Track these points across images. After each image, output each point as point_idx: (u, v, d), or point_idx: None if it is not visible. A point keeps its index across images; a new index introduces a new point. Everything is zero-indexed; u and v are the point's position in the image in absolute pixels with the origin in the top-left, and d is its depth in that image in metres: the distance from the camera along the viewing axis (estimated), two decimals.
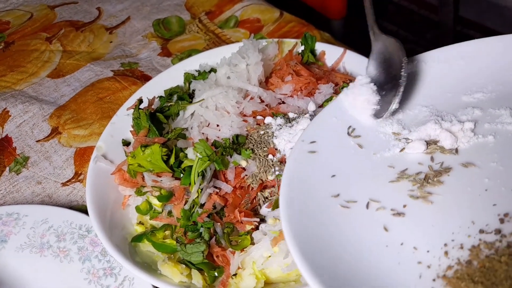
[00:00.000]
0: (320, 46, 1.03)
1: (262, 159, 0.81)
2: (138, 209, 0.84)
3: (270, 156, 0.82)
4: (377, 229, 0.62)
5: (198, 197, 0.78)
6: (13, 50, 1.29)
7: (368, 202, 0.65)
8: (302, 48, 1.03)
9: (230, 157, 0.83)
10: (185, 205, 0.79)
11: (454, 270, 0.56)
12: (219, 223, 0.78)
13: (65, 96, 1.15)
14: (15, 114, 1.11)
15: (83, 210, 0.86)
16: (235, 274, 0.75)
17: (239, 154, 0.83)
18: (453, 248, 0.58)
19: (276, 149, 0.83)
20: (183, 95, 0.96)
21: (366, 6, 0.83)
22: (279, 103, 0.92)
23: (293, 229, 0.61)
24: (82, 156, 1.02)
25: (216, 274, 0.75)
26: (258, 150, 0.83)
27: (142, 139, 0.85)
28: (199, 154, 0.80)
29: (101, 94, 1.14)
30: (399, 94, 0.73)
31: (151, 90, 0.99)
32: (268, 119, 0.87)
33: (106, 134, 0.94)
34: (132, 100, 0.98)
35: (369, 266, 0.58)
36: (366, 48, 0.86)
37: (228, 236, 0.76)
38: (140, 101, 0.90)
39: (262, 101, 0.91)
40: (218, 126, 0.87)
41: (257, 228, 0.77)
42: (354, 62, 0.98)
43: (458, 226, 0.60)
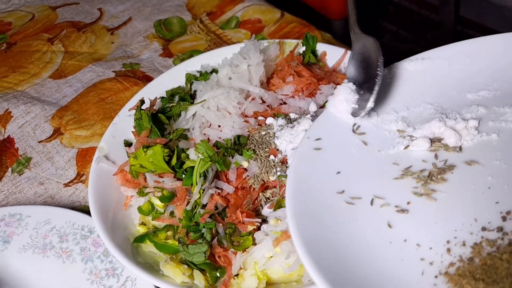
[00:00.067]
0: (321, 47, 1.03)
1: (264, 160, 0.82)
2: (140, 209, 0.84)
3: (272, 156, 0.82)
4: (381, 225, 0.62)
5: (200, 197, 0.79)
6: (15, 51, 1.29)
7: (372, 198, 0.65)
8: (303, 48, 1.03)
9: (232, 157, 0.83)
10: (187, 205, 0.79)
11: (456, 267, 0.56)
12: (221, 224, 0.78)
13: (67, 97, 1.16)
14: (17, 115, 1.11)
15: (86, 211, 0.86)
16: (237, 275, 0.75)
17: (241, 154, 0.83)
18: (455, 245, 0.58)
19: (277, 149, 0.83)
20: (185, 96, 0.96)
21: (349, 5, 0.84)
22: (281, 104, 0.92)
23: (298, 225, 0.61)
24: (84, 156, 1.02)
25: (218, 274, 0.75)
26: (259, 151, 0.83)
27: (144, 140, 0.85)
28: (201, 154, 0.80)
29: (103, 95, 1.14)
30: (374, 93, 0.74)
31: (153, 91, 1.00)
32: (269, 120, 0.87)
33: (108, 135, 0.94)
34: (134, 101, 0.98)
35: (372, 262, 0.58)
36: None
37: (230, 236, 0.76)
38: (142, 102, 0.90)
39: (264, 101, 0.91)
40: (219, 126, 0.88)
41: (258, 228, 0.77)
42: None
43: (460, 224, 0.60)
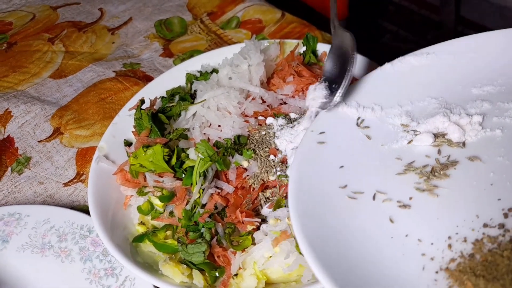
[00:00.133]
0: (321, 47, 1.03)
1: (264, 160, 0.81)
2: (139, 209, 0.84)
3: (272, 156, 0.82)
4: (383, 220, 0.62)
5: (199, 197, 0.79)
6: (15, 50, 1.29)
7: (375, 193, 0.65)
8: (304, 48, 1.03)
9: (232, 157, 0.83)
10: (186, 205, 0.79)
11: (457, 263, 0.56)
12: (221, 224, 0.78)
13: (67, 96, 1.16)
14: (17, 114, 1.11)
15: (85, 211, 0.86)
16: (236, 274, 0.75)
17: (241, 154, 0.83)
18: (456, 241, 0.58)
19: (277, 149, 0.83)
20: (185, 96, 0.96)
21: None
22: (281, 104, 0.92)
23: (300, 218, 0.61)
24: (84, 156, 1.02)
25: (217, 274, 0.75)
26: (259, 151, 0.83)
27: (144, 140, 0.85)
28: (201, 154, 0.80)
29: (103, 95, 1.14)
30: (342, 88, 0.76)
31: (153, 91, 1.00)
32: (269, 120, 0.87)
33: (108, 134, 0.94)
34: (134, 100, 0.98)
35: (373, 257, 0.58)
36: (367, 49, 0.86)
37: (229, 236, 0.76)
38: (142, 101, 0.90)
39: (264, 101, 0.91)
40: (219, 126, 0.88)
41: (258, 228, 0.77)
42: (355, 63, 0.98)
43: (462, 220, 0.60)
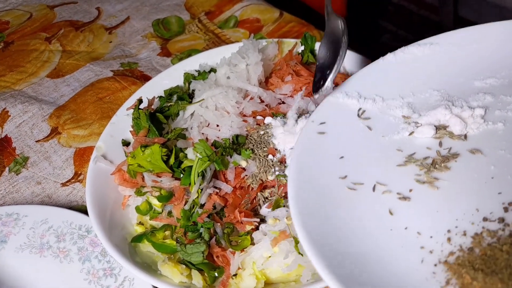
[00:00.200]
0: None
1: (262, 159, 0.81)
2: (138, 209, 0.84)
3: (270, 156, 0.82)
4: (382, 212, 0.61)
5: (198, 197, 0.78)
6: (12, 50, 1.29)
7: (374, 185, 0.65)
8: (302, 48, 1.03)
9: (230, 157, 0.82)
10: (185, 205, 0.79)
11: (455, 257, 0.56)
12: (219, 224, 0.78)
13: (64, 96, 1.15)
14: (15, 114, 1.11)
15: (83, 211, 0.86)
16: (235, 275, 0.75)
17: (239, 154, 0.83)
18: (456, 234, 0.58)
19: (276, 149, 0.83)
20: (183, 95, 0.96)
21: None
22: (279, 103, 0.92)
23: (299, 208, 0.61)
24: (82, 156, 1.02)
25: (216, 274, 0.75)
26: (258, 150, 0.83)
27: (142, 139, 0.85)
28: (199, 154, 0.80)
29: (100, 94, 1.14)
30: (333, 73, 0.77)
31: (151, 90, 0.99)
32: (268, 119, 0.87)
33: (106, 134, 0.94)
34: (131, 100, 0.98)
35: (372, 249, 0.58)
36: (367, 48, 0.86)
37: (228, 236, 0.76)
38: (140, 101, 0.90)
39: (262, 101, 0.91)
40: (218, 126, 0.87)
41: (257, 228, 0.77)
42: (354, 62, 0.98)
43: (462, 213, 0.59)
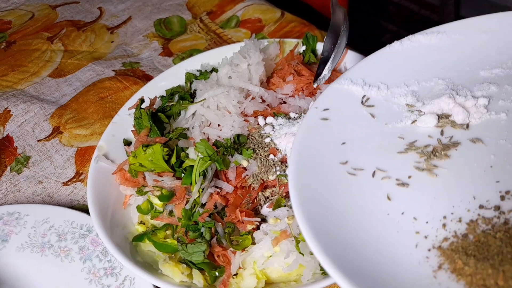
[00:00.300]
0: (321, 46, 1.02)
1: (263, 159, 0.81)
2: (139, 208, 0.84)
3: (271, 156, 0.82)
4: (380, 197, 0.62)
5: (199, 196, 0.78)
6: (14, 49, 1.29)
7: (374, 170, 0.65)
8: (304, 48, 1.03)
9: (231, 157, 0.82)
10: (186, 204, 0.79)
11: (449, 242, 0.56)
12: (220, 223, 0.78)
13: (66, 95, 1.15)
14: (17, 113, 1.11)
15: (84, 210, 0.86)
16: (236, 274, 0.75)
17: (240, 154, 0.83)
18: (451, 221, 0.58)
19: (277, 149, 0.83)
20: (185, 95, 0.96)
21: None
22: (280, 103, 0.92)
23: (299, 191, 0.61)
24: (83, 155, 1.02)
25: (217, 273, 0.75)
26: (259, 150, 0.83)
27: (143, 139, 0.85)
28: (200, 153, 0.80)
29: (102, 94, 1.14)
30: (329, 61, 0.82)
31: (153, 90, 1.00)
32: (269, 119, 0.87)
33: (107, 133, 0.94)
34: (133, 99, 0.98)
35: (369, 232, 0.58)
36: (367, 48, 0.86)
37: (229, 236, 0.76)
38: (141, 100, 0.90)
39: (264, 101, 0.91)
40: (219, 126, 0.87)
41: (258, 228, 0.77)
42: (355, 62, 0.98)
43: (459, 200, 0.60)
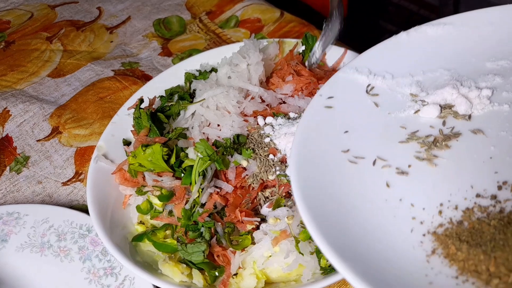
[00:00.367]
0: None
1: (263, 159, 0.81)
2: (138, 208, 0.84)
3: (271, 156, 0.82)
4: (379, 184, 0.63)
5: (199, 196, 0.78)
6: (13, 49, 1.29)
7: (375, 159, 0.66)
8: (303, 48, 1.03)
9: (231, 156, 0.82)
10: (186, 204, 0.79)
11: (444, 228, 0.57)
12: (220, 223, 0.78)
13: (65, 95, 1.15)
14: (16, 113, 1.11)
15: (84, 210, 0.86)
16: (236, 274, 0.75)
17: (240, 153, 0.83)
18: (448, 208, 0.59)
19: (276, 149, 0.83)
20: (184, 95, 0.96)
21: None
22: (280, 103, 0.92)
23: (300, 177, 0.62)
24: (83, 155, 1.02)
25: (216, 273, 0.75)
26: (258, 150, 0.83)
27: (143, 139, 0.85)
28: (200, 153, 0.80)
29: (101, 94, 1.14)
30: (317, 41, 0.96)
31: (152, 90, 1.00)
32: (269, 119, 0.87)
33: (107, 133, 0.94)
34: (132, 99, 0.98)
35: (366, 217, 0.59)
36: (367, 48, 0.85)
37: (228, 235, 0.76)
38: (141, 100, 0.90)
39: (263, 101, 0.91)
40: (219, 126, 0.87)
41: (257, 227, 0.77)
42: None
43: (456, 189, 0.61)
